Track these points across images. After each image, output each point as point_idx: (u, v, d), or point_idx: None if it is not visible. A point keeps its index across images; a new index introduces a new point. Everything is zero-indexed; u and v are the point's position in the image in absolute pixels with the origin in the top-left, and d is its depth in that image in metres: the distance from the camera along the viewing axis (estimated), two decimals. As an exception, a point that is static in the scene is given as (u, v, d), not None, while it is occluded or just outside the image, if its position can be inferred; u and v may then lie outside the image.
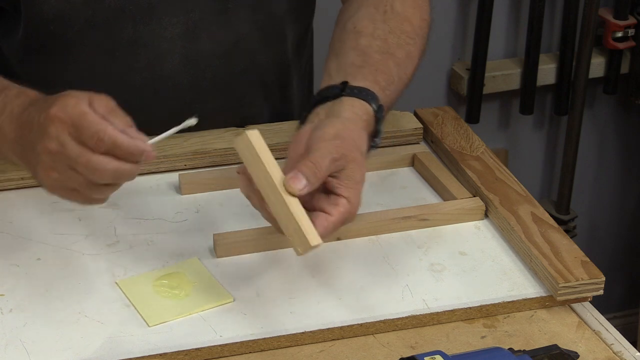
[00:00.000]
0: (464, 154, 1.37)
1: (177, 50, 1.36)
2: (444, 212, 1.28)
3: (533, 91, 2.31)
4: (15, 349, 1.07)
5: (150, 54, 1.35)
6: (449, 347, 1.09)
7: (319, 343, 1.10)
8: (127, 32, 1.33)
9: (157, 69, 1.36)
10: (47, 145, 1.06)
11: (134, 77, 1.36)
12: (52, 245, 1.22)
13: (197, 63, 1.37)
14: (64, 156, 1.05)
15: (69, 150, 1.05)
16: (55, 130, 1.05)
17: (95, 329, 1.10)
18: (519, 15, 2.29)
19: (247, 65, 1.40)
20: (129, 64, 1.35)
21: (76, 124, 1.05)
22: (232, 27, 1.37)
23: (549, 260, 1.17)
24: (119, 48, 1.34)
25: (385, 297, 1.15)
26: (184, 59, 1.36)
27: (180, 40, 1.35)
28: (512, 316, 1.15)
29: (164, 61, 1.36)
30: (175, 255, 1.21)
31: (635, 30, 2.30)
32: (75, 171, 1.06)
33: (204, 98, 1.39)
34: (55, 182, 1.08)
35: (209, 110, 1.39)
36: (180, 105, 1.38)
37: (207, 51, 1.37)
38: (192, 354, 1.08)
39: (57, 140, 1.05)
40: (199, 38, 1.36)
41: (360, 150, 1.13)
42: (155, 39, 1.34)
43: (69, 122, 1.05)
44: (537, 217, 1.24)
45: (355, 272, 1.19)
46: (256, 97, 1.44)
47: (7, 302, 1.14)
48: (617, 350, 1.11)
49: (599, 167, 2.54)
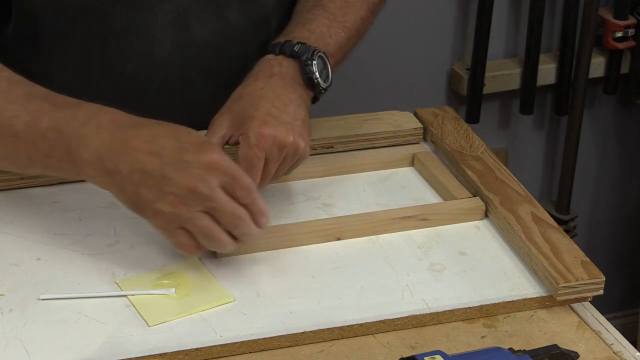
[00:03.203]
0: (464, 154, 1.37)
1: (168, 38, 1.35)
2: (444, 212, 1.28)
3: (533, 91, 2.31)
4: (15, 349, 1.07)
5: (142, 41, 1.35)
6: (449, 347, 1.09)
7: (319, 343, 1.10)
8: (119, 20, 1.33)
9: (149, 57, 1.36)
10: (194, 183, 1.10)
11: (126, 65, 1.36)
12: (52, 245, 1.22)
13: (188, 51, 1.37)
14: (206, 199, 1.10)
15: (217, 196, 1.10)
16: (210, 175, 1.10)
17: (95, 329, 1.10)
18: (519, 15, 2.29)
19: (235, 53, 1.40)
20: (121, 52, 1.35)
21: (234, 175, 1.11)
22: (222, 15, 1.37)
23: (549, 260, 1.17)
24: (111, 36, 1.34)
25: (385, 297, 1.15)
26: (176, 46, 1.36)
27: (172, 27, 1.35)
28: (512, 316, 1.15)
29: (156, 49, 1.35)
30: (175, 255, 1.20)
31: (635, 30, 2.30)
32: (209, 215, 1.11)
33: (194, 87, 1.39)
34: (175, 215, 1.11)
35: (198, 100, 1.39)
36: (171, 94, 1.38)
37: (198, 38, 1.37)
38: (192, 354, 1.08)
39: (208, 185, 1.10)
40: (190, 25, 1.36)
41: (258, 107, 1.21)
42: (148, 26, 1.34)
43: (227, 173, 1.11)
44: (537, 217, 1.24)
45: (355, 272, 1.19)
46: None
47: (7, 302, 1.14)
48: (617, 350, 1.11)
49: (599, 167, 2.54)
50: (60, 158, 1.15)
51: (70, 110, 1.15)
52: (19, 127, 1.15)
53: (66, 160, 1.15)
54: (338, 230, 1.24)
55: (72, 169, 1.15)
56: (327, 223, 1.25)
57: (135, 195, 1.13)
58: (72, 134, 1.14)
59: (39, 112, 1.15)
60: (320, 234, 1.24)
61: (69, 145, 1.14)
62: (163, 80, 1.38)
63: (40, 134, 1.15)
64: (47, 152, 1.15)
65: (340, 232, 1.24)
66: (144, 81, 1.37)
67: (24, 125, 1.15)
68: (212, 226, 1.12)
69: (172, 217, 1.12)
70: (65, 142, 1.14)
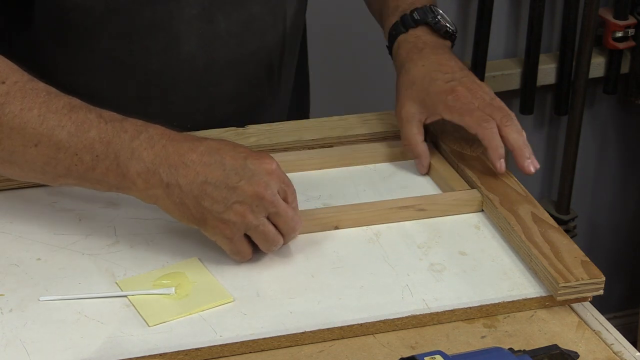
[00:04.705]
0: (464, 154, 1.37)
1: (193, 32, 1.36)
2: (442, 202, 1.29)
3: (533, 91, 2.32)
4: (15, 349, 1.07)
5: (167, 36, 1.35)
6: (449, 347, 1.09)
7: (319, 343, 1.10)
8: (145, 15, 1.33)
9: (174, 52, 1.36)
10: (260, 190, 1.14)
11: (151, 61, 1.36)
12: (52, 245, 1.22)
13: (212, 44, 1.38)
14: (271, 205, 1.15)
15: (279, 202, 1.15)
16: (273, 182, 1.15)
17: (95, 329, 1.10)
18: (519, 15, 2.29)
19: (257, 44, 1.41)
20: (146, 48, 1.35)
21: (286, 181, 1.17)
22: (245, 7, 1.38)
23: (549, 260, 1.17)
24: (137, 32, 1.34)
25: (385, 297, 1.15)
26: (200, 40, 1.37)
27: (197, 21, 1.35)
28: (512, 316, 1.15)
29: (181, 43, 1.36)
30: (175, 255, 1.20)
31: (635, 30, 2.30)
32: (268, 221, 1.16)
33: (218, 80, 1.40)
34: (242, 224, 1.15)
35: (221, 94, 1.40)
36: (195, 89, 1.39)
37: (222, 31, 1.37)
38: (192, 354, 1.08)
39: (272, 191, 1.15)
40: (215, 18, 1.36)
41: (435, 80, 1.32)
42: (173, 21, 1.34)
43: (283, 179, 1.17)
44: (537, 217, 1.24)
45: (355, 272, 1.19)
46: (262, 79, 1.45)
47: (7, 302, 1.14)
48: (617, 350, 1.11)
49: (599, 167, 2.54)
50: (106, 170, 1.15)
51: (119, 123, 1.16)
52: (62, 136, 1.14)
53: (113, 172, 1.15)
54: (336, 219, 1.25)
55: (118, 181, 1.15)
56: (325, 212, 1.26)
57: (197, 207, 1.14)
58: (122, 146, 1.14)
59: (86, 123, 1.15)
60: (318, 222, 1.25)
61: (118, 157, 1.14)
62: (188, 75, 1.38)
63: (86, 145, 1.14)
64: (91, 163, 1.15)
65: (338, 221, 1.25)
66: (169, 77, 1.38)
67: (68, 135, 1.14)
68: (275, 231, 1.17)
69: (240, 225, 1.15)
70: (113, 154, 1.14)
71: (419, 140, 1.34)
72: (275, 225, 1.17)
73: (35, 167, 1.17)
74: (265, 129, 1.42)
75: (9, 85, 1.16)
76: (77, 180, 1.17)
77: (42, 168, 1.17)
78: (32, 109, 1.15)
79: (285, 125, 1.43)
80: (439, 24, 1.40)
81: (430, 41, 1.39)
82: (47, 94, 1.16)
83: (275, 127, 1.42)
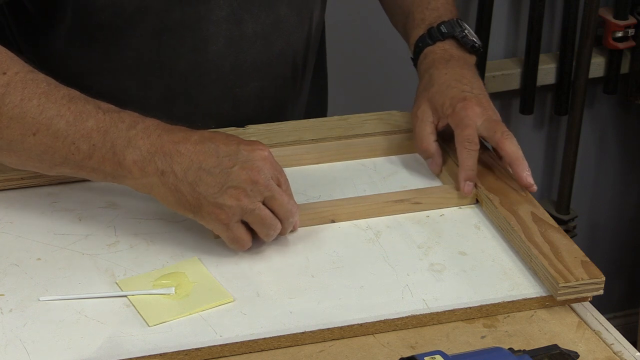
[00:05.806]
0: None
1: (221, 33, 1.37)
2: (437, 195, 1.29)
3: (533, 91, 2.32)
4: (15, 349, 1.07)
5: (196, 37, 1.36)
6: (449, 347, 1.09)
7: (319, 343, 1.10)
8: (175, 16, 1.34)
9: (202, 53, 1.37)
10: (254, 175, 1.16)
11: (179, 62, 1.37)
12: (52, 245, 1.22)
13: (240, 46, 1.39)
14: (266, 189, 1.16)
15: (272, 186, 1.17)
16: (266, 167, 1.17)
17: (95, 329, 1.10)
18: (519, 15, 2.29)
19: (283, 46, 1.42)
20: (175, 48, 1.36)
21: (278, 169, 1.18)
22: (272, 9, 1.39)
23: (549, 260, 1.17)
24: (166, 33, 1.35)
25: (385, 297, 1.15)
26: (228, 41, 1.38)
27: (225, 22, 1.36)
28: (512, 316, 1.15)
29: (209, 44, 1.37)
30: (175, 255, 1.21)
31: (635, 30, 2.30)
32: (264, 205, 1.17)
33: (244, 81, 1.41)
34: (238, 208, 1.15)
35: (246, 94, 1.42)
36: (221, 89, 1.40)
37: (250, 33, 1.38)
38: (192, 354, 1.08)
39: (266, 176, 1.16)
40: (243, 20, 1.37)
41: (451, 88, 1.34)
42: (202, 22, 1.35)
43: (276, 167, 1.18)
44: (537, 217, 1.25)
45: (355, 272, 1.19)
46: (288, 80, 1.46)
47: (7, 302, 1.14)
48: (617, 350, 1.11)
49: (599, 167, 2.54)
50: (102, 158, 1.17)
51: (116, 114, 1.18)
52: (60, 126, 1.16)
53: (109, 161, 1.16)
54: (332, 212, 1.26)
55: (114, 169, 1.17)
56: (322, 205, 1.27)
57: (192, 193, 1.16)
58: (119, 135, 1.16)
59: (84, 112, 1.17)
60: (315, 216, 1.25)
61: (115, 145, 1.16)
62: (215, 76, 1.39)
63: (84, 134, 1.16)
64: (88, 152, 1.17)
65: (335, 214, 1.25)
66: (196, 77, 1.39)
67: (66, 124, 1.16)
68: (272, 215, 1.17)
69: (235, 210, 1.16)
70: (110, 143, 1.16)
71: (431, 140, 1.35)
72: (272, 209, 1.17)
73: (32, 155, 1.18)
74: (265, 129, 1.42)
75: (10, 75, 1.17)
76: (74, 168, 1.19)
77: (39, 156, 1.18)
78: (32, 99, 1.17)
79: (285, 125, 1.43)
80: (466, 38, 1.41)
81: (457, 55, 1.41)
82: (47, 85, 1.18)
83: (275, 127, 1.42)
